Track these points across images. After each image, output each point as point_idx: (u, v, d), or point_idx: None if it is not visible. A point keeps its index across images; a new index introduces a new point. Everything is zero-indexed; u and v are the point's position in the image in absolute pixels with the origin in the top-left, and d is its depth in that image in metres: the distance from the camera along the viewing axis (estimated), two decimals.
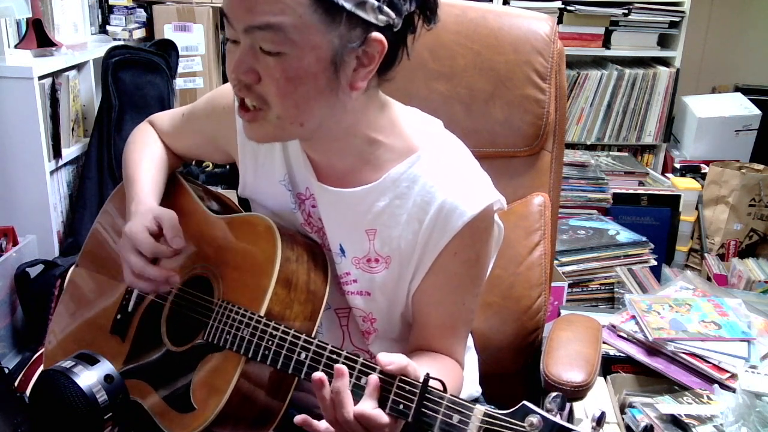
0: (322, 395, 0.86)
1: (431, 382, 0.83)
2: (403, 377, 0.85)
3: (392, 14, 0.89)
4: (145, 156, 1.21)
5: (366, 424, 0.84)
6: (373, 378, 0.85)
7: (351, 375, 0.87)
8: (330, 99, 0.92)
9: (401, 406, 0.84)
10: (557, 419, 0.77)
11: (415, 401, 0.83)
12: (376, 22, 0.88)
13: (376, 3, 0.87)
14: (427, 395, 0.83)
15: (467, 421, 0.80)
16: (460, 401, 0.82)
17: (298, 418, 0.86)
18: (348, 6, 0.86)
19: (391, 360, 0.85)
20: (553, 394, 0.79)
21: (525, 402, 0.79)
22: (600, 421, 0.77)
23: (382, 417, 0.84)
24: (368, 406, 0.84)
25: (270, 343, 0.94)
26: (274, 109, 0.91)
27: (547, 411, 0.78)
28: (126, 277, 1.05)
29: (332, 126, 0.96)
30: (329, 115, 0.94)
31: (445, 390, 0.84)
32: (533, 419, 0.76)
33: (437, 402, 0.83)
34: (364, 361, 0.88)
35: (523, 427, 0.77)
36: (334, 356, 0.90)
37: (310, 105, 0.91)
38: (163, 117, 1.28)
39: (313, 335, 0.96)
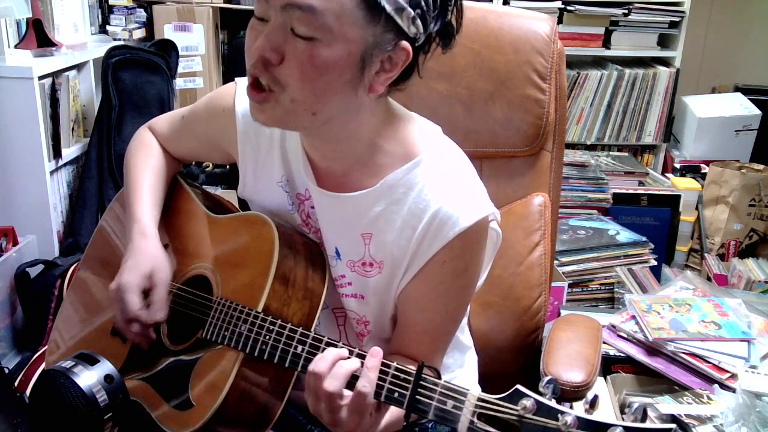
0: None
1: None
2: (398, 366, 0.86)
3: (421, 28, 0.91)
4: (146, 170, 1.20)
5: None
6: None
7: None
8: (348, 95, 0.92)
9: (396, 395, 0.85)
10: (550, 402, 0.77)
11: (409, 389, 0.84)
12: (407, 32, 0.90)
13: (412, 13, 0.89)
14: (421, 383, 0.84)
15: (461, 406, 0.81)
16: (454, 387, 0.83)
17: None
18: (388, 8, 0.87)
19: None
20: (547, 378, 0.80)
21: (518, 386, 0.80)
22: (593, 403, 0.77)
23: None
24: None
25: (267, 337, 0.94)
26: (289, 92, 0.90)
27: (540, 395, 0.78)
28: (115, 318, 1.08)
29: (340, 125, 0.96)
30: (342, 112, 0.94)
31: (439, 377, 0.85)
32: (526, 402, 0.77)
33: (431, 389, 0.84)
34: (360, 352, 0.89)
35: (517, 410, 0.78)
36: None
37: (328, 96, 0.91)
38: (162, 122, 1.27)
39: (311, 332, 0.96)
